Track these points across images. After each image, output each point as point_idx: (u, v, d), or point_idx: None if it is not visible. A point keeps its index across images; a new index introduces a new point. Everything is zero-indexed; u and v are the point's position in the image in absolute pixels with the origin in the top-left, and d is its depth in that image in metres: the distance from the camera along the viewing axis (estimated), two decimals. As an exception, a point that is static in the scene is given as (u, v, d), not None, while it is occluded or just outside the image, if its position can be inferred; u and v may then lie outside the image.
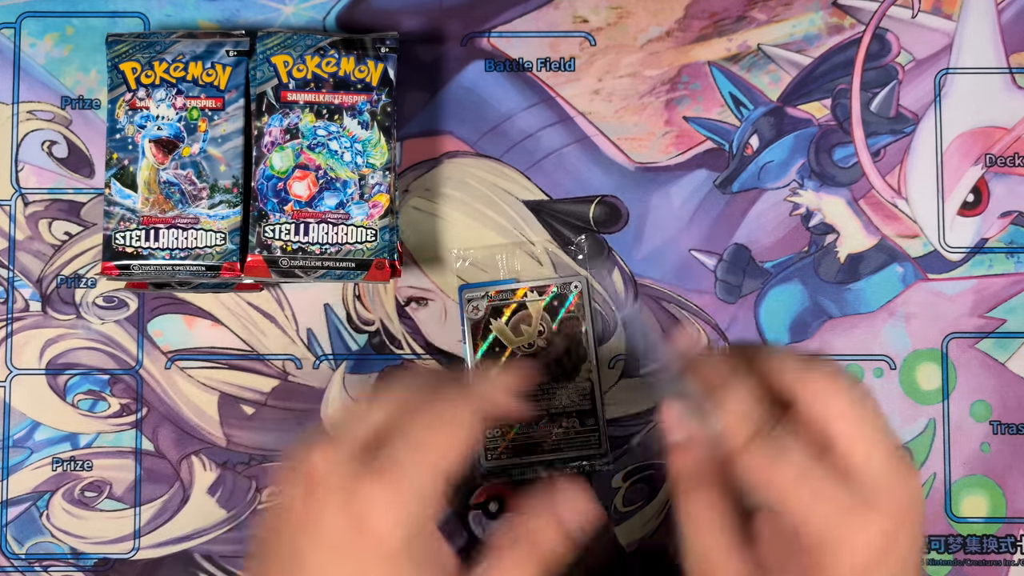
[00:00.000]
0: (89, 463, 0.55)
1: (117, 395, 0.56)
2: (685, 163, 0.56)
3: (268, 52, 0.52)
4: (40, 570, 0.55)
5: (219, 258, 0.51)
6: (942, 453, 0.55)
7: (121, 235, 0.51)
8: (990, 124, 0.57)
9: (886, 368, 0.56)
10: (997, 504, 0.55)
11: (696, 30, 0.57)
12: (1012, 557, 0.55)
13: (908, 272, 0.56)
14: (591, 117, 0.57)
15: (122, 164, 0.52)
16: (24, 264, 0.56)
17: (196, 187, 0.52)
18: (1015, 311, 0.56)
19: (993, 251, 0.56)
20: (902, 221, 0.56)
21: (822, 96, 0.57)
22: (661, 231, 0.56)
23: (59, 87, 0.57)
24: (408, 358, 0.56)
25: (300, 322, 0.56)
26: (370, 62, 0.52)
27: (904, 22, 0.57)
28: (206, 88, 0.52)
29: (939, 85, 0.57)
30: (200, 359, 0.56)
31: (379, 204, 0.51)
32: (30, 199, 0.56)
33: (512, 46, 0.57)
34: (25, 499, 0.55)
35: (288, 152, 0.52)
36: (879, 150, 0.57)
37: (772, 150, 0.57)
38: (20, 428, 0.55)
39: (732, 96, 0.57)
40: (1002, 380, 0.56)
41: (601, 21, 0.57)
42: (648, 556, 0.55)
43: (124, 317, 0.56)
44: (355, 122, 0.52)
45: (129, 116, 0.52)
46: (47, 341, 0.56)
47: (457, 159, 0.56)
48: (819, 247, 0.56)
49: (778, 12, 0.57)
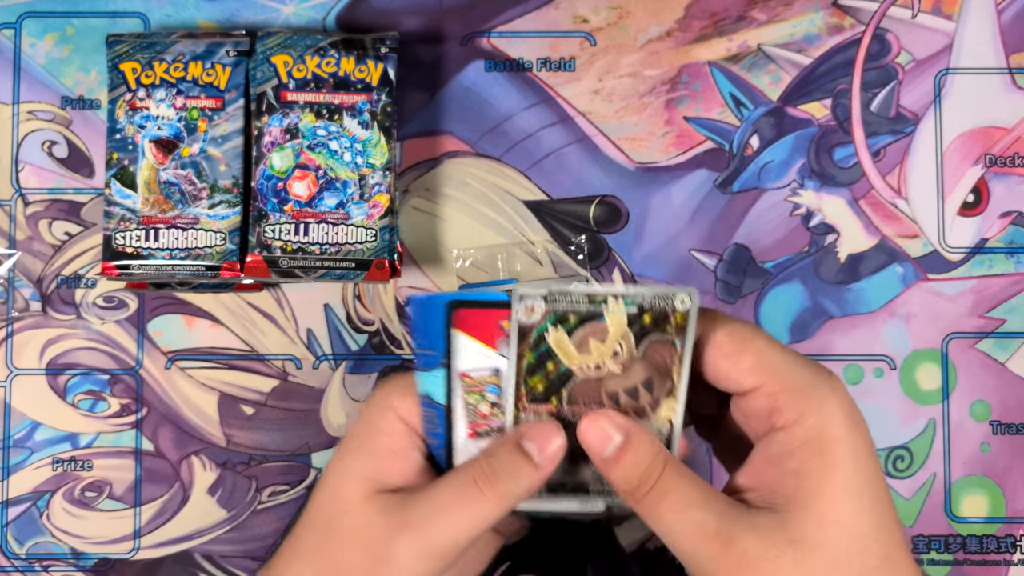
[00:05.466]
0: (89, 463, 0.55)
1: (117, 395, 0.56)
2: (685, 163, 0.56)
3: (268, 52, 0.52)
4: (40, 570, 0.55)
5: (219, 258, 0.51)
6: (942, 453, 0.55)
7: (121, 235, 0.51)
8: (990, 124, 0.57)
9: (886, 368, 0.56)
10: (997, 504, 0.55)
11: (696, 30, 0.57)
12: (1012, 557, 0.55)
13: (908, 272, 0.56)
14: (591, 117, 0.57)
15: (122, 164, 0.52)
16: (24, 264, 0.56)
17: (196, 187, 0.52)
18: (1015, 311, 0.56)
19: (993, 251, 0.56)
20: (902, 221, 0.56)
21: (822, 96, 0.57)
22: (661, 231, 0.56)
23: (59, 87, 0.57)
24: (408, 358, 0.56)
25: (300, 322, 0.56)
26: (370, 62, 0.52)
27: (904, 22, 0.57)
28: (206, 88, 0.52)
29: (939, 85, 0.57)
30: (200, 359, 0.56)
31: (379, 204, 0.51)
32: (30, 199, 0.56)
33: (512, 46, 0.57)
34: (25, 499, 0.55)
35: (288, 152, 0.52)
36: (879, 150, 0.57)
37: (772, 150, 0.57)
38: (20, 428, 0.55)
39: (732, 96, 0.57)
40: (1002, 380, 0.56)
41: (601, 21, 0.57)
42: (648, 556, 0.55)
43: (124, 317, 0.56)
44: (355, 122, 0.52)
45: (129, 116, 0.52)
46: (47, 341, 0.56)
47: (457, 159, 0.56)
48: (819, 247, 0.56)
49: (778, 12, 0.57)
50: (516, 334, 0.37)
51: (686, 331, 0.37)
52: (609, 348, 0.37)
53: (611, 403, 0.37)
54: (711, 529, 0.34)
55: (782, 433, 0.35)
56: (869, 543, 0.34)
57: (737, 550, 0.33)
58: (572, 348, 0.37)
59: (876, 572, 0.34)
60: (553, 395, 0.37)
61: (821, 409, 0.35)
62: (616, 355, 0.37)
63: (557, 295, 0.36)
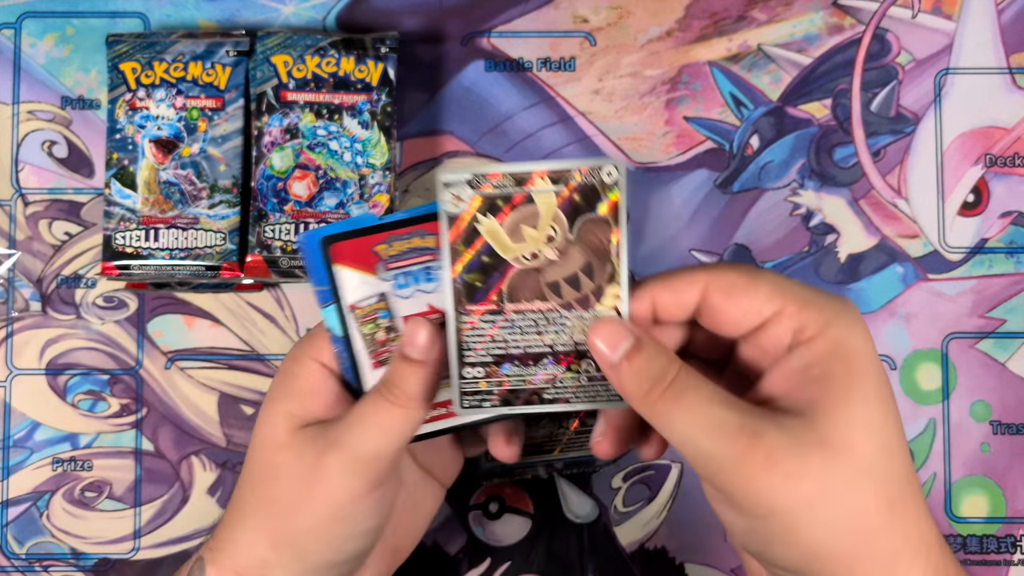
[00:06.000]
0: (89, 463, 0.55)
1: (117, 395, 0.56)
2: (685, 163, 0.56)
3: (268, 52, 0.52)
4: (40, 570, 0.55)
5: (219, 258, 0.51)
6: (942, 453, 0.55)
7: (121, 235, 0.51)
8: (990, 124, 0.57)
9: (886, 368, 0.56)
10: (997, 504, 0.55)
11: (696, 30, 0.57)
12: (1012, 557, 0.55)
13: (908, 272, 0.56)
14: (591, 117, 0.57)
15: (122, 164, 0.52)
16: (24, 264, 0.56)
17: (196, 187, 0.52)
18: (1015, 311, 0.56)
19: (993, 251, 0.56)
20: (902, 221, 0.56)
21: (822, 96, 0.57)
22: (661, 231, 0.56)
23: (59, 87, 0.57)
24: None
25: (300, 322, 0.56)
26: (370, 62, 0.52)
27: (904, 22, 0.57)
28: (206, 88, 0.52)
29: (939, 85, 0.57)
30: (200, 359, 0.56)
31: (379, 204, 0.51)
32: (30, 199, 0.56)
33: (512, 46, 0.57)
34: (25, 499, 0.55)
35: (288, 152, 0.52)
36: (879, 150, 0.57)
37: (772, 150, 0.57)
38: (20, 428, 0.55)
39: (732, 96, 0.57)
40: (1002, 380, 0.56)
41: (601, 21, 0.57)
42: (648, 556, 0.55)
43: (124, 317, 0.56)
44: (355, 122, 0.52)
45: (129, 116, 0.52)
46: (47, 341, 0.56)
47: (457, 159, 0.56)
48: (819, 247, 0.56)
49: (778, 12, 0.57)
50: (446, 227, 0.35)
51: (618, 206, 0.35)
52: (543, 233, 0.36)
53: (552, 295, 0.36)
54: (734, 424, 0.32)
55: (804, 347, 0.34)
56: (895, 451, 0.33)
57: (764, 446, 0.32)
58: (506, 237, 0.36)
59: (900, 484, 0.33)
60: (491, 291, 0.36)
61: (844, 322, 0.34)
62: (551, 240, 0.36)
63: (481, 177, 0.35)
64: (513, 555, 0.53)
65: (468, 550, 0.54)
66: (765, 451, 0.32)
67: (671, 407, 0.33)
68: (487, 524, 0.54)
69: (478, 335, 0.36)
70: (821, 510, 0.32)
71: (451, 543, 0.55)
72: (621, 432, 0.38)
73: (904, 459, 0.33)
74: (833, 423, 0.32)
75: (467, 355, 0.36)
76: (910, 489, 0.33)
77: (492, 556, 0.53)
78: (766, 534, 0.33)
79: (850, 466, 0.32)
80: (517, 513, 0.54)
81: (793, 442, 0.32)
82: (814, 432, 0.32)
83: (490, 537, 0.54)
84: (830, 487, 0.32)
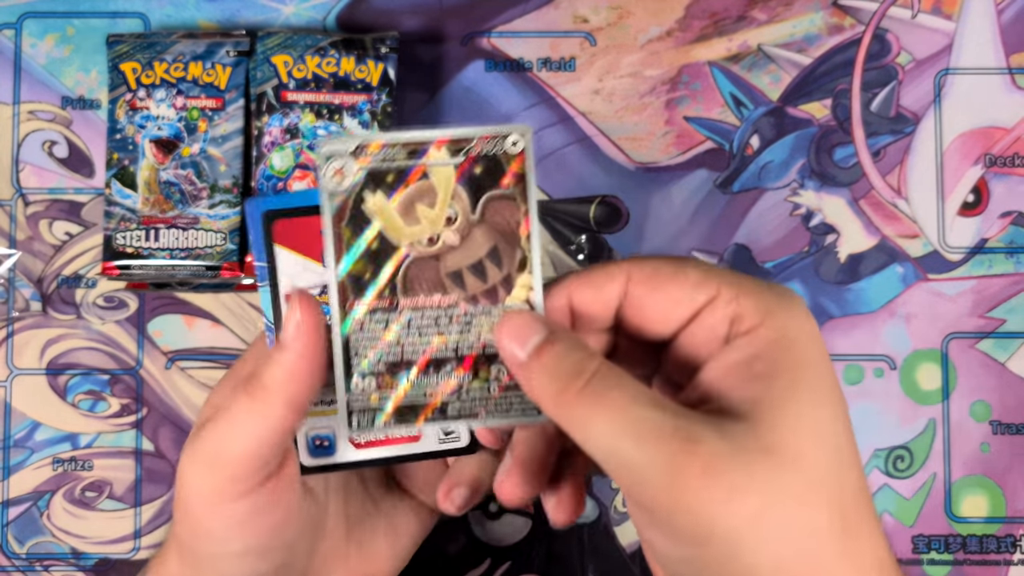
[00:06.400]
0: (89, 463, 0.55)
1: (117, 395, 0.56)
2: (685, 163, 0.57)
3: (268, 52, 0.52)
4: (41, 570, 0.55)
5: (219, 258, 0.51)
6: (942, 453, 0.55)
7: (121, 235, 0.51)
8: (990, 124, 0.57)
9: (886, 368, 0.56)
10: (997, 504, 0.55)
11: (696, 30, 0.57)
12: (1012, 557, 0.55)
13: (908, 272, 0.56)
14: (591, 117, 0.57)
15: (122, 164, 0.52)
16: (24, 264, 0.56)
17: (196, 187, 0.52)
18: (1015, 311, 0.56)
19: (993, 251, 0.56)
20: (902, 221, 0.56)
21: (822, 96, 0.57)
22: (662, 231, 0.56)
23: (59, 87, 0.57)
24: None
25: (300, 322, 0.56)
26: (370, 62, 0.52)
27: (904, 22, 0.57)
28: (206, 88, 0.52)
29: (939, 85, 0.57)
30: (200, 359, 0.56)
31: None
32: (30, 199, 0.56)
33: (512, 46, 0.57)
34: (26, 499, 0.55)
35: (288, 152, 0.52)
36: (879, 150, 0.57)
37: (772, 150, 0.57)
38: (20, 428, 0.55)
39: (732, 96, 0.57)
40: (1002, 380, 0.56)
41: (601, 21, 0.57)
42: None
43: (124, 317, 0.56)
44: (355, 122, 0.52)
45: (129, 116, 0.52)
46: (47, 341, 0.56)
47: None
48: (819, 247, 0.56)
49: (778, 12, 0.57)
50: (328, 207, 0.30)
51: (526, 180, 0.31)
52: (440, 212, 0.31)
53: (455, 286, 0.31)
54: (667, 428, 0.27)
55: (743, 338, 0.30)
56: (847, 459, 0.29)
57: (702, 454, 0.27)
58: (398, 218, 0.31)
59: (854, 496, 0.28)
60: (383, 284, 0.31)
61: (786, 309, 0.30)
62: (451, 221, 0.31)
63: (368, 148, 0.30)
64: (513, 555, 0.53)
65: (468, 550, 0.54)
66: (704, 460, 0.27)
67: (590, 409, 0.28)
68: (487, 524, 0.54)
69: (368, 338, 0.31)
70: (768, 530, 0.27)
71: (451, 543, 0.55)
72: (529, 471, 0.33)
73: (857, 468, 0.29)
74: (779, 427, 0.28)
75: (355, 362, 0.31)
76: (863, 501, 0.29)
77: (492, 556, 0.53)
78: (703, 562, 0.28)
79: (800, 477, 0.27)
80: (517, 513, 0.54)
81: (735, 449, 0.27)
82: (758, 439, 0.27)
83: (490, 537, 0.54)
84: (779, 502, 0.27)
